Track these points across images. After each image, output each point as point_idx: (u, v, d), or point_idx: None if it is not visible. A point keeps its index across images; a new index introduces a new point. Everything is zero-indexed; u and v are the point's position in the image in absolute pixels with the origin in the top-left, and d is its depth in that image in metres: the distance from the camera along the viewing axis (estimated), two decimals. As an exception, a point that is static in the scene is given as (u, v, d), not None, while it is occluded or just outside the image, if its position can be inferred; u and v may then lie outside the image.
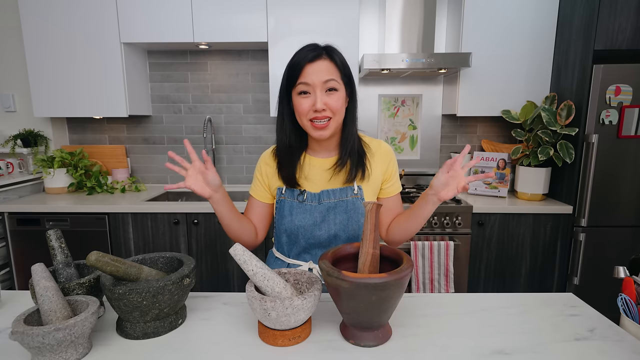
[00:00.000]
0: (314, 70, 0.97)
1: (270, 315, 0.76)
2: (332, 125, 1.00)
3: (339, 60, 1.01)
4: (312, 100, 0.98)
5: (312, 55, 0.98)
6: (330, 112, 0.99)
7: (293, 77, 0.99)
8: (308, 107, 0.98)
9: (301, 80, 0.98)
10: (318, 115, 0.98)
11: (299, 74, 0.98)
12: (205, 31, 2.19)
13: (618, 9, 1.86)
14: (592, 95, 1.93)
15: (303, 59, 0.97)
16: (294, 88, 1.00)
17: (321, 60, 0.98)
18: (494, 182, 2.30)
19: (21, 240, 2.14)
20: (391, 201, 1.13)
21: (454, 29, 2.32)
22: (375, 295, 0.74)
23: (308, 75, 0.97)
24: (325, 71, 0.98)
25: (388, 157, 1.11)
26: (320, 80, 0.97)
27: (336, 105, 0.99)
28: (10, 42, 2.43)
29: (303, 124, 1.02)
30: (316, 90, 0.97)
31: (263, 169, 1.13)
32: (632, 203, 1.99)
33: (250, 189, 1.17)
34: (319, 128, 1.00)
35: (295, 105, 1.01)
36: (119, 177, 2.51)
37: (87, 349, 0.78)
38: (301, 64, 0.97)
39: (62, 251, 0.93)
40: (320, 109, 0.97)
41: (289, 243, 1.11)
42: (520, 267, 2.13)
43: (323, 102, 0.97)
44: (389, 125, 2.58)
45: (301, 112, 1.00)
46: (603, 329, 0.86)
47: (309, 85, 0.97)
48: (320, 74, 0.97)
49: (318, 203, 1.06)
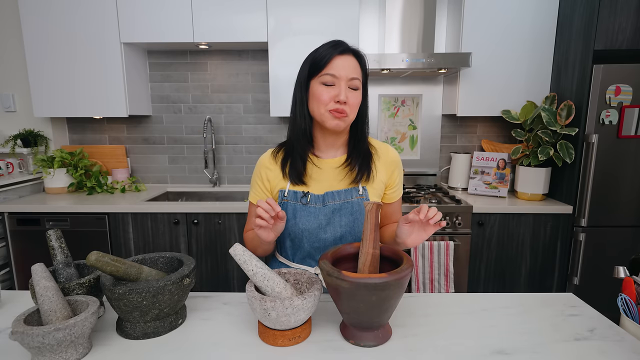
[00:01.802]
0: (343, 64, 0.97)
1: (270, 315, 0.76)
2: (347, 121, 1.00)
3: (363, 63, 1.02)
4: (335, 91, 0.97)
5: (343, 49, 0.98)
6: (349, 108, 0.99)
7: (319, 65, 0.98)
8: (330, 97, 0.97)
9: (328, 71, 0.97)
10: (338, 107, 0.97)
11: (326, 63, 0.97)
12: (205, 31, 2.19)
13: (618, 9, 1.86)
14: (592, 95, 1.93)
15: (334, 50, 0.97)
16: (317, 77, 0.99)
17: (350, 56, 0.99)
18: (494, 182, 2.30)
19: (21, 240, 2.14)
20: (390, 207, 1.13)
21: (454, 29, 2.32)
22: (375, 295, 0.74)
23: (336, 67, 0.97)
24: (353, 68, 0.98)
25: (394, 164, 1.10)
26: (347, 76, 0.97)
27: (356, 103, 1.00)
28: (10, 42, 2.43)
29: (320, 113, 1.00)
30: (341, 84, 0.97)
31: (263, 173, 1.09)
32: (632, 203, 1.99)
33: (250, 196, 1.13)
34: (338, 117, 0.98)
35: (316, 94, 0.99)
36: (119, 177, 2.51)
37: (87, 349, 0.78)
38: (332, 54, 0.97)
39: (62, 251, 0.93)
40: (342, 101, 0.96)
41: (292, 247, 1.08)
42: (520, 267, 2.13)
43: (346, 96, 0.97)
44: (389, 125, 2.58)
45: (321, 101, 0.98)
46: (603, 329, 0.86)
47: (336, 77, 0.97)
48: (348, 70, 0.97)
49: (322, 205, 1.04)
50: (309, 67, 1.01)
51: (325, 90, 0.98)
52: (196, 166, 2.69)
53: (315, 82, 0.99)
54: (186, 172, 2.70)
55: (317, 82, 0.99)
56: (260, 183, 1.10)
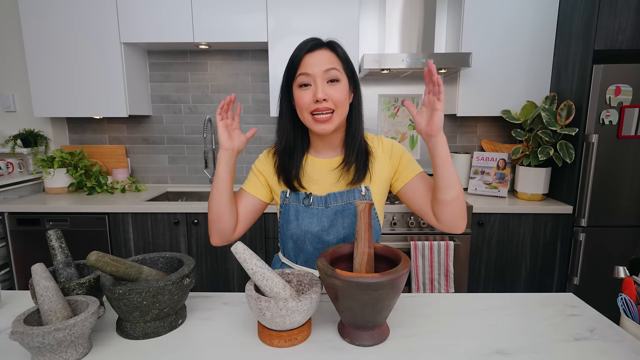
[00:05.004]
0: (314, 60, 0.92)
1: (265, 315, 0.76)
2: (336, 119, 0.94)
3: (340, 52, 0.96)
4: (312, 91, 0.92)
5: (312, 45, 0.93)
6: (333, 103, 0.93)
7: (292, 69, 0.95)
8: (309, 99, 0.92)
9: (301, 71, 0.93)
10: (319, 107, 0.92)
11: (298, 65, 0.93)
12: (205, 31, 2.19)
13: (618, 9, 1.86)
14: (592, 95, 1.93)
15: (302, 50, 0.93)
16: (294, 81, 0.95)
17: (321, 50, 0.94)
18: (494, 182, 2.30)
19: (21, 240, 2.14)
20: (414, 183, 1.00)
21: (454, 29, 2.32)
22: (368, 295, 0.74)
23: (308, 65, 0.92)
24: (326, 60, 0.93)
25: (389, 150, 1.04)
26: (321, 70, 0.92)
27: (339, 97, 0.93)
28: (10, 42, 2.43)
29: (304, 119, 0.96)
30: (317, 80, 0.92)
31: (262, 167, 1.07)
32: (632, 203, 1.99)
33: (244, 184, 1.08)
34: (321, 121, 0.93)
35: (296, 99, 0.95)
36: (119, 177, 2.51)
37: (87, 349, 0.78)
38: (300, 54, 0.93)
39: (62, 251, 0.93)
40: (321, 99, 0.91)
41: (295, 249, 1.06)
42: (520, 267, 2.13)
43: (324, 93, 0.91)
44: (389, 125, 2.58)
45: (301, 105, 0.94)
46: (603, 329, 0.86)
47: (309, 75, 0.92)
48: (321, 63, 0.92)
49: (325, 207, 1.01)
50: (286, 73, 0.98)
51: (304, 92, 0.93)
52: (196, 166, 2.69)
53: (295, 86, 0.96)
54: (186, 172, 2.70)
55: (295, 87, 0.96)
56: (257, 173, 1.07)
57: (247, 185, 1.08)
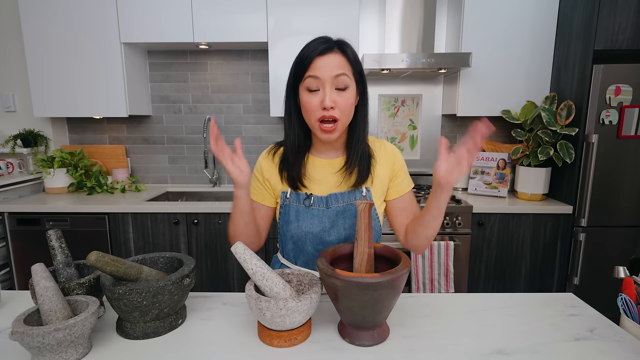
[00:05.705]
0: (324, 64, 0.90)
1: (265, 315, 0.76)
2: (339, 128, 0.94)
3: (351, 55, 0.94)
4: (320, 97, 0.91)
5: (323, 48, 0.90)
6: (339, 112, 0.92)
7: (301, 70, 0.92)
8: (316, 104, 0.91)
9: (310, 74, 0.90)
10: (325, 115, 0.91)
11: (307, 67, 0.91)
12: (205, 31, 2.19)
13: (618, 9, 1.86)
14: (592, 95, 1.93)
15: (313, 52, 0.90)
16: (302, 82, 0.93)
17: (332, 54, 0.91)
18: (494, 182, 2.30)
19: (21, 240, 2.14)
20: (403, 200, 1.05)
21: (454, 29, 2.32)
22: (367, 295, 0.74)
23: (317, 68, 0.90)
24: (337, 65, 0.90)
25: (392, 156, 1.05)
26: (331, 75, 0.90)
27: (345, 106, 0.92)
28: (10, 42, 2.43)
29: (311, 124, 0.96)
30: (325, 86, 0.90)
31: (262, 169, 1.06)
32: (632, 203, 1.99)
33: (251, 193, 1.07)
34: (327, 131, 0.93)
35: (303, 103, 0.94)
36: (119, 177, 2.51)
37: (87, 349, 0.78)
38: (310, 56, 0.90)
39: (62, 251, 0.93)
40: (328, 107, 0.90)
41: (295, 250, 1.05)
42: (520, 267, 2.13)
43: (332, 100, 0.90)
44: (389, 125, 2.58)
45: (309, 110, 0.93)
46: (603, 329, 0.86)
47: (318, 79, 0.90)
48: (331, 68, 0.90)
49: (326, 207, 1.00)
50: (293, 73, 0.96)
51: (312, 97, 0.92)
52: (196, 166, 2.69)
53: (301, 88, 0.94)
54: (186, 172, 2.70)
55: (302, 88, 0.94)
56: (260, 178, 1.07)
57: (254, 194, 1.08)
